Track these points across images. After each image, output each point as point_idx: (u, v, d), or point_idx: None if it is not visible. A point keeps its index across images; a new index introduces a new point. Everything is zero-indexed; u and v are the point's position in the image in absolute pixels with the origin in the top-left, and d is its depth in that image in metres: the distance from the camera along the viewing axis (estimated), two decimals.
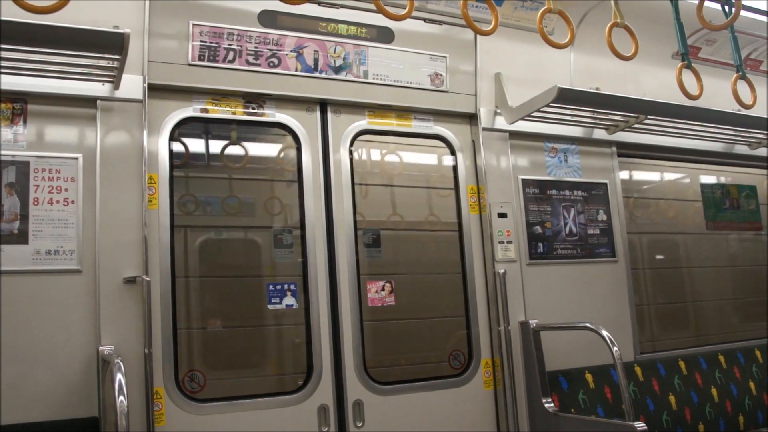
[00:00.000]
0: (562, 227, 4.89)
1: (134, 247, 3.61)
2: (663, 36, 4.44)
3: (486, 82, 4.79)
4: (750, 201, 6.42)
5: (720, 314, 6.08)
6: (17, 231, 3.40)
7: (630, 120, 4.97)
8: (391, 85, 4.50)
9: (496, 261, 4.56)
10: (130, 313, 3.52)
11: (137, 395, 3.43)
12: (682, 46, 3.65)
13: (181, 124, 4.01)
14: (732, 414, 5.07)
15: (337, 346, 4.14)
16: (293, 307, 4.14)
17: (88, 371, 3.40)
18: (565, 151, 5.07)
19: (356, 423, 4.09)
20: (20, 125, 3.50)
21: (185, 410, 3.68)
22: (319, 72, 4.28)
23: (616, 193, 5.23)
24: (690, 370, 5.06)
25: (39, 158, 3.50)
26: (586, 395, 4.51)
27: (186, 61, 3.94)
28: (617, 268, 5.09)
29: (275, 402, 3.94)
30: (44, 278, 3.41)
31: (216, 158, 4.30)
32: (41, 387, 3.31)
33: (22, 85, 3.48)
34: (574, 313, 4.71)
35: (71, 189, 3.54)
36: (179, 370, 3.76)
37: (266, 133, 4.46)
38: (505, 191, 4.73)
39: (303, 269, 4.17)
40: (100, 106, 3.65)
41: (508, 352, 4.46)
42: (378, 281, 4.40)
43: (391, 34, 4.50)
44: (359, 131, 4.49)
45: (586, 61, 5.14)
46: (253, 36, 4.09)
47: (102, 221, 3.56)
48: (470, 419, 4.42)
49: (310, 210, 4.22)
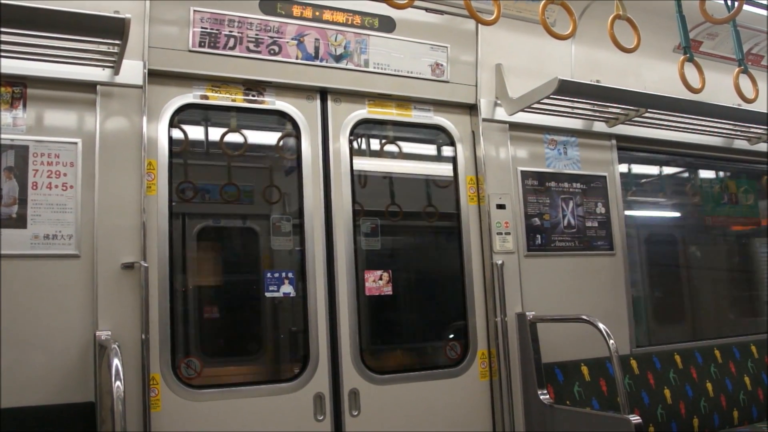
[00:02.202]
0: (560, 219, 4.89)
1: (132, 232, 3.61)
2: (664, 29, 4.43)
3: (487, 72, 4.78)
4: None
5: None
6: (16, 215, 3.40)
7: (630, 113, 4.97)
8: (391, 75, 4.49)
9: (494, 252, 4.56)
10: (128, 298, 3.52)
11: (134, 381, 3.44)
12: (684, 40, 3.65)
13: (180, 111, 4.00)
14: (727, 408, 5.08)
15: (334, 334, 4.14)
16: (291, 296, 4.15)
17: (84, 356, 3.40)
18: (565, 143, 5.06)
19: (352, 412, 4.10)
20: (20, 109, 3.49)
21: (181, 396, 3.69)
22: (319, 60, 4.27)
23: (615, 185, 5.22)
24: (685, 364, 5.08)
25: (38, 142, 3.50)
26: (582, 387, 4.52)
27: (186, 47, 3.93)
28: (615, 261, 5.09)
29: (271, 390, 3.95)
30: (42, 263, 3.41)
31: (215, 145, 4.29)
32: (38, 371, 3.31)
33: (22, 69, 3.47)
34: (571, 305, 4.71)
35: (70, 174, 3.53)
36: (176, 356, 3.76)
37: (266, 121, 4.45)
38: (504, 182, 4.73)
39: (301, 257, 4.17)
40: (100, 91, 3.64)
41: (505, 344, 4.46)
42: (375, 270, 4.40)
43: (392, 23, 4.48)
44: (359, 120, 4.49)
45: (587, 54, 5.13)
46: (254, 23, 4.08)
47: (100, 206, 3.55)
48: (466, 409, 4.43)
49: (309, 198, 4.21)
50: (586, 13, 4.95)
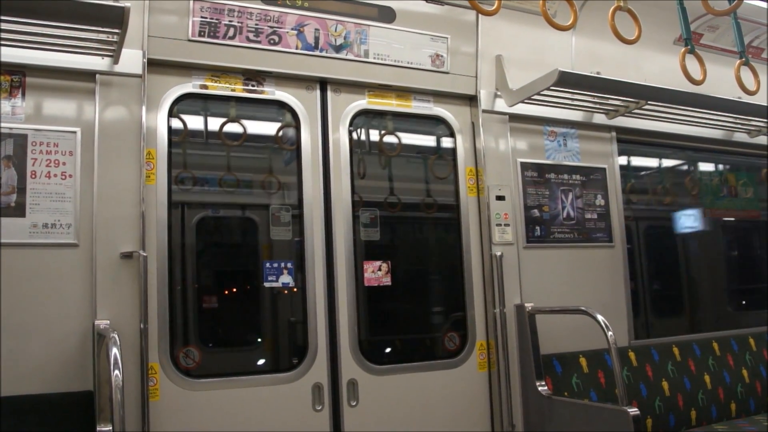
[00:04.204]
0: (559, 211, 4.89)
1: (131, 222, 3.61)
2: (664, 21, 4.43)
3: (487, 64, 4.77)
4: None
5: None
6: (14, 204, 3.39)
7: (630, 105, 4.96)
8: (391, 65, 4.48)
9: (493, 243, 4.57)
10: (127, 288, 3.52)
11: (132, 370, 3.45)
12: (685, 31, 3.65)
13: (180, 100, 4.00)
14: (724, 401, 5.09)
15: (333, 325, 4.15)
16: (290, 286, 4.15)
17: (83, 345, 3.40)
18: (565, 135, 5.06)
19: (350, 402, 4.10)
20: (18, 98, 3.48)
21: (180, 386, 3.70)
22: (319, 50, 4.26)
23: (615, 178, 5.22)
24: (684, 357, 5.08)
25: (37, 131, 3.49)
26: (580, 379, 4.53)
27: (186, 36, 3.92)
28: (614, 253, 5.10)
29: (269, 380, 3.96)
30: (41, 252, 3.41)
31: (214, 135, 4.28)
32: (36, 360, 3.32)
33: (21, 58, 3.46)
34: (569, 297, 4.72)
35: (69, 163, 3.53)
36: (174, 345, 3.77)
37: (265, 111, 4.44)
38: (504, 174, 4.73)
39: (300, 248, 4.17)
40: (99, 80, 3.63)
41: (503, 335, 4.47)
42: (374, 261, 4.40)
43: (392, 13, 4.47)
44: (359, 111, 4.48)
45: (587, 46, 5.12)
46: (253, 13, 4.07)
47: (99, 196, 3.55)
48: (464, 400, 4.44)
49: (309, 189, 4.21)
50: (586, 5, 4.94)
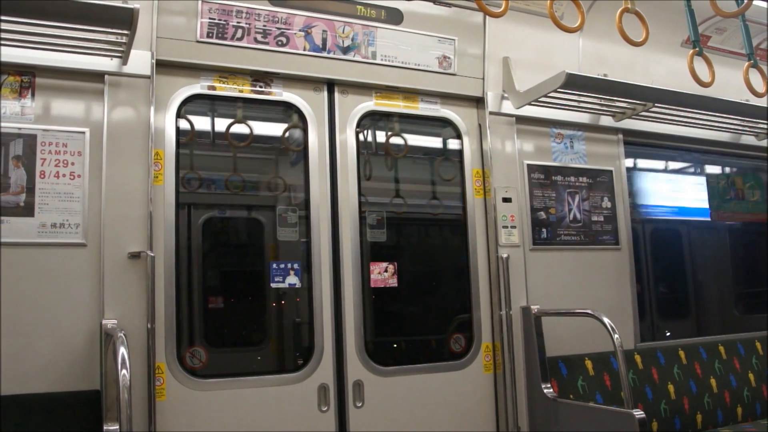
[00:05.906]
0: (566, 213, 4.89)
1: (139, 222, 3.62)
2: (672, 24, 4.42)
3: (494, 66, 4.77)
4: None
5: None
6: (23, 204, 3.41)
7: (637, 107, 4.95)
8: (399, 67, 4.49)
9: (500, 245, 4.57)
10: (134, 288, 3.53)
11: (139, 370, 3.45)
12: (693, 33, 3.64)
13: (188, 101, 4.01)
14: (730, 405, 5.08)
15: (339, 326, 4.15)
16: (296, 287, 4.16)
17: (90, 345, 3.41)
18: (572, 137, 5.06)
19: (356, 403, 4.11)
20: (28, 98, 3.50)
21: (186, 386, 3.71)
22: (327, 52, 4.27)
23: (621, 180, 5.22)
24: (690, 360, 5.07)
25: (46, 132, 3.51)
26: (586, 382, 4.53)
27: (194, 37, 3.93)
28: (620, 256, 5.09)
29: (275, 380, 3.96)
30: (49, 251, 3.42)
31: (222, 136, 4.29)
32: (44, 359, 3.33)
33: (31, 58, 3.48)
34: (575, 299, 4.71)
35: (78, 163, 3.54)
36: (181, 345, 3.78)
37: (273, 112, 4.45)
38: (510, 176, 4.73)
39: (307, 249, 4.18)
40: (108, 81, 3.65)
41: (509, 337, 4.47)
42: (381, 262, 4.40)
43: (400, 15, 4.48)
44: (366, 112, 4.49)
45: (594, 48, 5.12)
46: (261, 14, 4.08)
47: (108, 196, 3.57)
48: (469, 402, 4.44)
49: (316, 190, 4.22)
50: (594, 7, 4.93)
